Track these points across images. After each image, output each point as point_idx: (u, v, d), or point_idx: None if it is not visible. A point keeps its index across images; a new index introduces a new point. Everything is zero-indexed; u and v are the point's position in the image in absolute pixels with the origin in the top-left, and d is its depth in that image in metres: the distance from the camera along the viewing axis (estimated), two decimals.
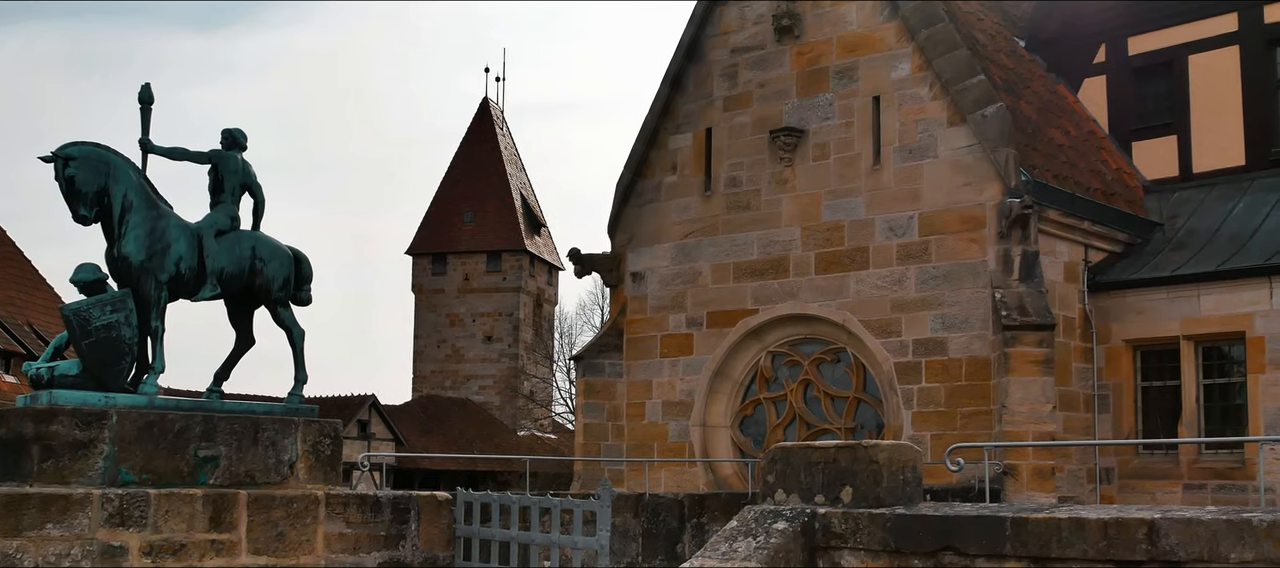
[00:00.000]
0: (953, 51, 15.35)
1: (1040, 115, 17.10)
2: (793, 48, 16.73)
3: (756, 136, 16.91)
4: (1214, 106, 17.75)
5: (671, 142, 17.84)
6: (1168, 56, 18.22)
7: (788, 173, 16.55)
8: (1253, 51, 17.54)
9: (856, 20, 16.24)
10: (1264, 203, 16.57)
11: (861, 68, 16.10)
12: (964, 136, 15.16)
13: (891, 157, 15.70)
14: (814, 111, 16.44)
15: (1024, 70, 18.19)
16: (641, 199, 18.03)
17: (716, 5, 17.56)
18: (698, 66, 17.66)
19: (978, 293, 14.88)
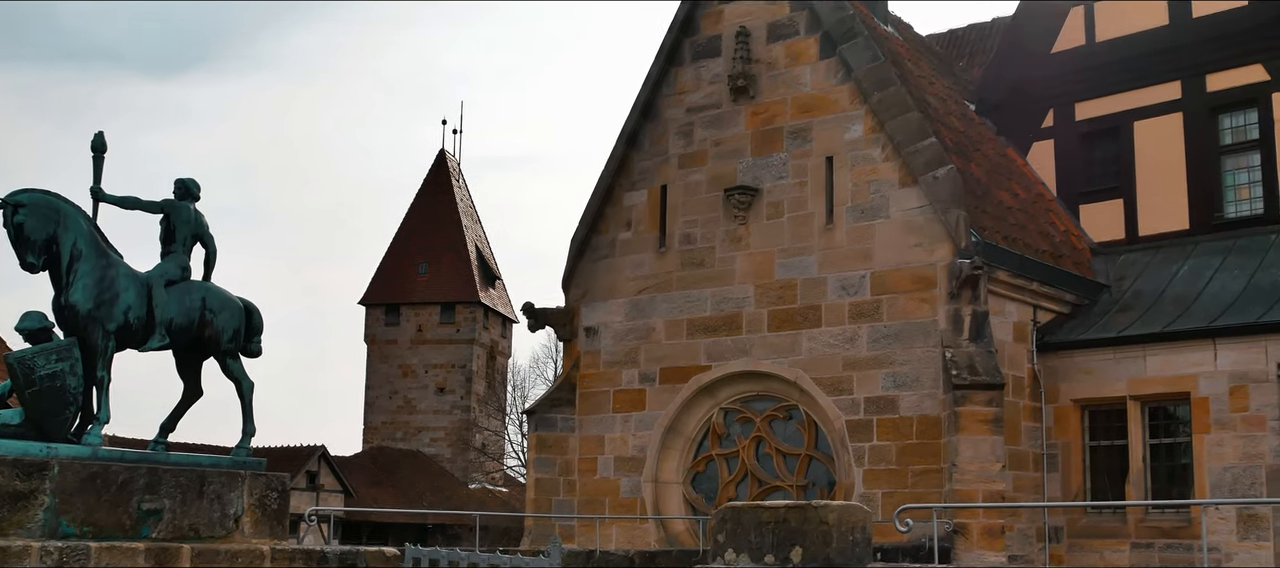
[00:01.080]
0: (904, 114, 15.55)
1: (990, 178, 17.33)
2: (747, 108, 16.91)
3: (711, 194, 17.02)
4: (1159, 171, 18.08)
5: (627, 198, 17.92)
6: (1114, 122, 18.57)
7: (742, 231, 16.66)
8: (1196, 119, 17.90)
9: (810, 82, 16.44)
10: (1207, 266, 16.85)
11: (815, 129, 16.28)
12: (915, 198, 15.33)
13: (844, 216, 15.85)
14: (768, 171, 16.59)
15: (974, 133, 18.46)
16: (596, 254, 18.07)
17: (673, 66, 17.73)
18: (653, 125, 17.79)
19: (928, 352, 15.00)
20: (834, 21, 16.30)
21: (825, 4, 16.41)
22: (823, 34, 16.40)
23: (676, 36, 17.74)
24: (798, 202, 16.28)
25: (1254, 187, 17.58)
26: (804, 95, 16.48)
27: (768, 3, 16.99)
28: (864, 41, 16.05)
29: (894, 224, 15.46)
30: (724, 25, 17.35)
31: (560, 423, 17.94)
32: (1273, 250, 16.60)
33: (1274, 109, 17.33)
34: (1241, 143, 17.72)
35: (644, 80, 17.91)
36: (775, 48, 16.84)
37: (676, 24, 17.72)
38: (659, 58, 17.81)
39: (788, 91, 16.62)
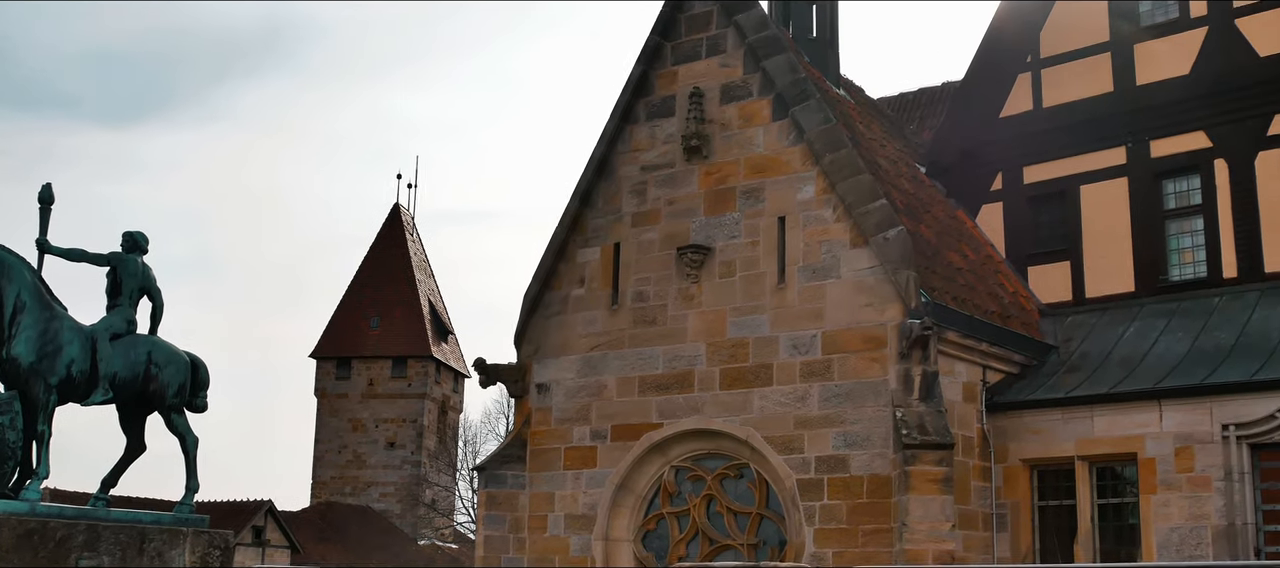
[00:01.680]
0: (856, 176, 15.71)
1: (940, 239, 17.51)
2: (701, 167, 17.02)
3: (664, 253, 17.09)
4: (1105, 235, 18.35)
5: (580, 255, 17.95)
6: (1061, 186, 18.86)
7: (694, 289, 16.71)
8: (1140, 184, 18.21)
9: (763, 143, 16.58)
10: (1153, 328, 17.08)
11: (768, 189, 16.40)
12: (866, 258, 15.45)
13: (796, 276, 15.94)
14: (721, 230, 16.68)
15: (924, 196, 18.67)
16: (548, 311, 18.06)
17: (627, 125, 17.84)
18: (607, 183, 17.86)
19: (879, 411, 15.06)
20: (786, 84, 16.47)
21: (778, 66, 16.60)
22: (775, 96, 16.57)
23: (631, 96, 17.86)
24: (750, 261, 16.37)
25: (1197, 250, 17.87)
26: (757, 156, 16.61)
27: (721, 65, 17.16)
28: (816, 104, 16.23)
29: (845, 284, 15.57)
30: (678, 86, 17.50)
31: (511, 480, 17.84)
32: (1216, 313, 16.86)
33: (1216, 175, 17.67)
34: (1185, 208, 18.03)
35: (598, 138, 18.00)
36: (728, 109, 16.99)
37: (631, 84, 17.85)
38: (613, 116, 17.92)
39: (741, 152, 16.76)
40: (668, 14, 17.73)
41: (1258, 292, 16.88)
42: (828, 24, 20.20)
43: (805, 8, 20.05)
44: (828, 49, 20.04)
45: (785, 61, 16.61)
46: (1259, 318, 16.36)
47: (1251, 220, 17.27)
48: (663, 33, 17.74)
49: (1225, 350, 15.92)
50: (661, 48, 17.76)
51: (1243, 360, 15.50)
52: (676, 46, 17.67)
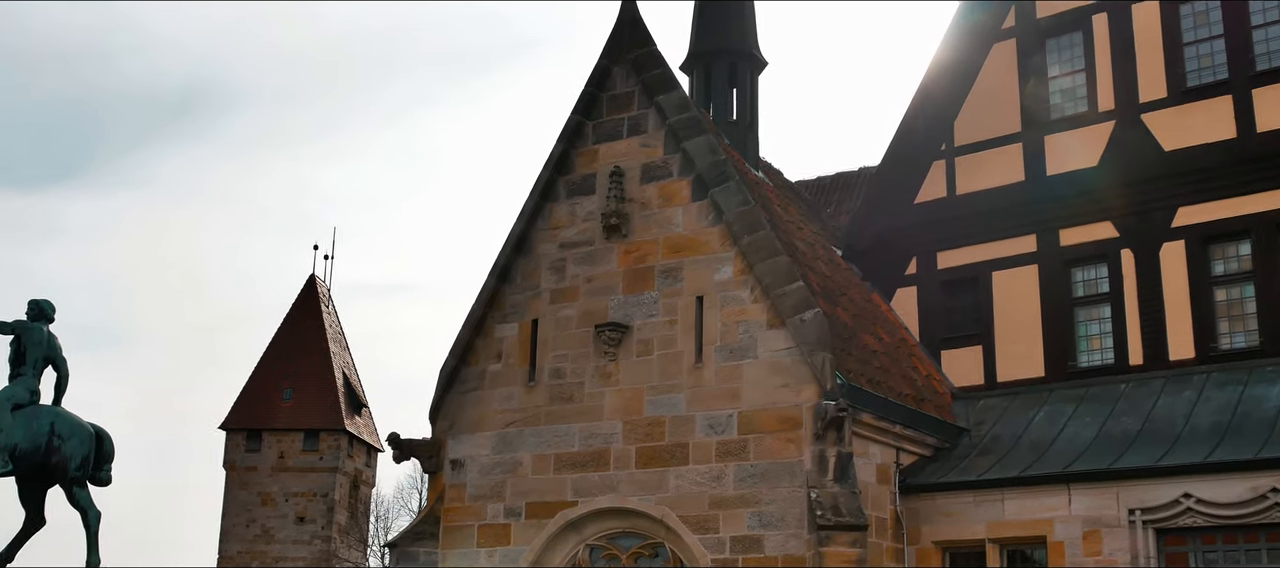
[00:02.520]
0: (774, 257, 15.87)
1: (855, 322, 17.71)
2: (620, 246, 17.09)
3: (582, 330, 17.08)
4: (1016, 320, 18.70)
5: (498, 331, 17.87)
6: (974, 272, 19.21)
7: (611, 367, 16.71)
8: (1050, 271, 18.62)
9: (682, 223, 16.71)
10: (1062, 414, 17.38)
11: (686, 268, 16.51)
12: (783, 339, 15.57)
13: (713, 355, 16.01)
14: (639, 308, 16.73)
15: (841, 278, 18.90)
16: (465, 386, 17.93)
17: (547, 202, 17.88)
18: (526, 259, 17.85)
19: (794, 492, 15.11)
20: (706, 165, 16.65)
21: (698, 148, 16.78)
22: (696, 177, 16.74)
23: (552, 173, 17.92)
24: (667, 340, 16.43)
25: (1105, 338, 18.28)
26: (676, 236, 16.73)
27: (642, 145, 17.32)
28: (735, 185, 16.41)
29: (762, 365, 15.66)
30: (599, 164, 17.61)
31: (423, 556, 17.57)
32: (1122, 400, 17.21)
33: (1122, 264, 18.12)
34: (1093, 295, 18.45)
35: (518, 215, 18.01)
36: (649, 188, 17.12)
37: (552, 161, 17.92)
38: (533, 193, 17.96)
39: (660, 231, 16.87)
40: (590, 93, 17.88)
41: (1162, 379, 17.26)
42: (748, 107, 20.52)
43: (726, 91, 20.34)
44: (748, 132, 20.33)
45: (706, 143, 16.81)
46: (1163, 405, 16.72)
47: (1156, 310, 17.71)
48: (584, 112, 17.87)
49: (1131, 436, 16.23)
50: (583, 126, 17.88)
51: (1148, 446, 15.81)
52: (598, 125, 17.81)
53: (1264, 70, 17.72)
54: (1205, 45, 18.37)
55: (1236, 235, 17.51)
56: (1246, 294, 17.39)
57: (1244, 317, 17.34)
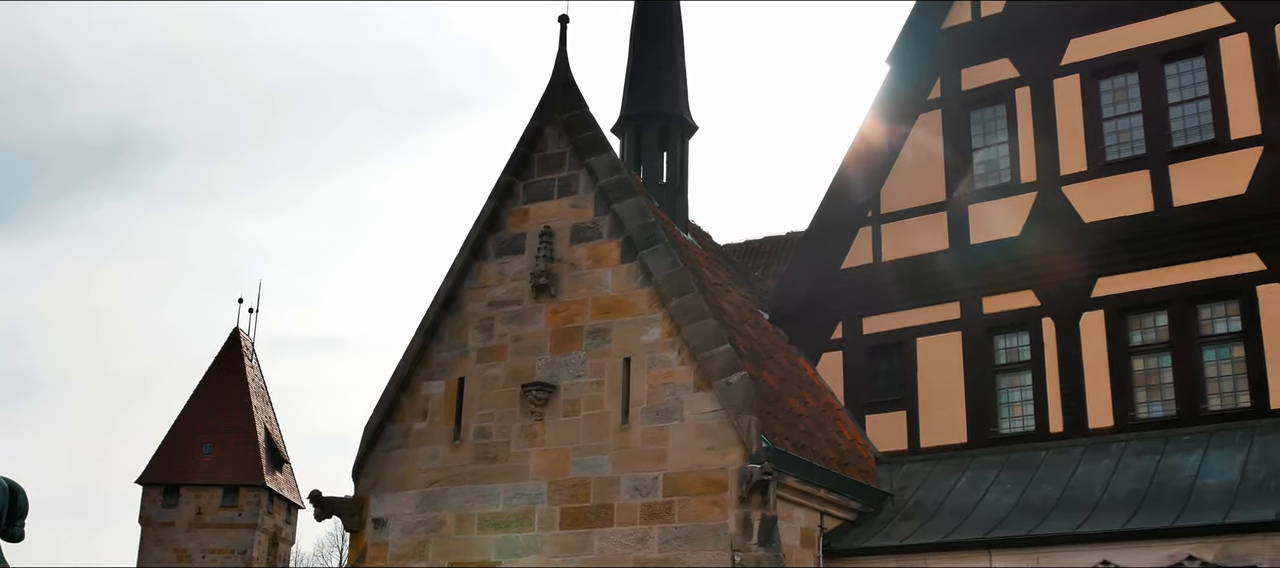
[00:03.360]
0: (701, 320, 15.95)
1: (782, 385, 17.81)
2: (549, 306, 17.09)
3: (509, 389, 17.01)
4: (940, 386, 18.92)
5: (424, 388, 17.75)
6: (899, 338, 19.44)
7: (537, 427, 16.65)
8: (973, 338, 18.89)
9: (611, 284, 16.76)
10: (983, 479, 17.57)
11: (614, 329, 16.53)
12: (709, 402, 15.62)
13: (639, 417, 16.01)
14: (566, 368, 16.70)
15: (767, 342, 19.02)
16: (389, 444, 17.76)
17: (477, 260, 17.86)
18: (454, 317, 17.78)
19: (718, 555, 15.09)
20: (636, 227, 16.74)
21: (628, 210, 16.87)
22: (625, 238, 16.81)
23: (482, 231, 17.92)
24: (594, 400, 16.40)
25: (1026, 405, 18.54)
26: (604, 296, 16.76)
27: (572, 205, 17.38)
28: (664, 248, 16.50)
29: (688, 427, 15.69)
30: (529, 224, 17.63)
31: None
32: (1043, 466, 17.43)
33: (1043, 333, 18.43)
34: (1015, 363, 18.73)
35: (448, 272, 17.96)
36: (578, 249, 17.16)
37: (483, 219, 17.92)
38: (463, 251, 17.93)
39: (589, 292, 16.89)
40: (521, 153, 17.93)
41: (1082, 447, 17.52)
42: (678, 171, 20.69)
43: (656, 154, 20.50)
44: (677, 195, 20.49)
45: (636, 205, 16.90)
46: (1083, 472, 16.96)
47: (1076, 378, 18.01)
48: (515, 171, 17.92)
49: (1052, 503, 16.44)
50: (514, 185, 17.92)
51: (1067, 513, 16.01)
52: (529, 185, 17.85)
53: (1180, 146, 18.20)
54: (1124, 121, 18.85)
55: (1153, 307, 17.89)
56: (1163, 364, 17.74)
57: (1161, 386, 17.68)
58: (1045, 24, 19.62)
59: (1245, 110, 17.83)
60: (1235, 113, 17.90)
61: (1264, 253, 17.19)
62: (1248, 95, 17.87)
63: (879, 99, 20.67)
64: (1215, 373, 17.39)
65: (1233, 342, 17.32)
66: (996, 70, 19.93)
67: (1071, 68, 19.29)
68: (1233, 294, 17.37)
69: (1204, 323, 17.60)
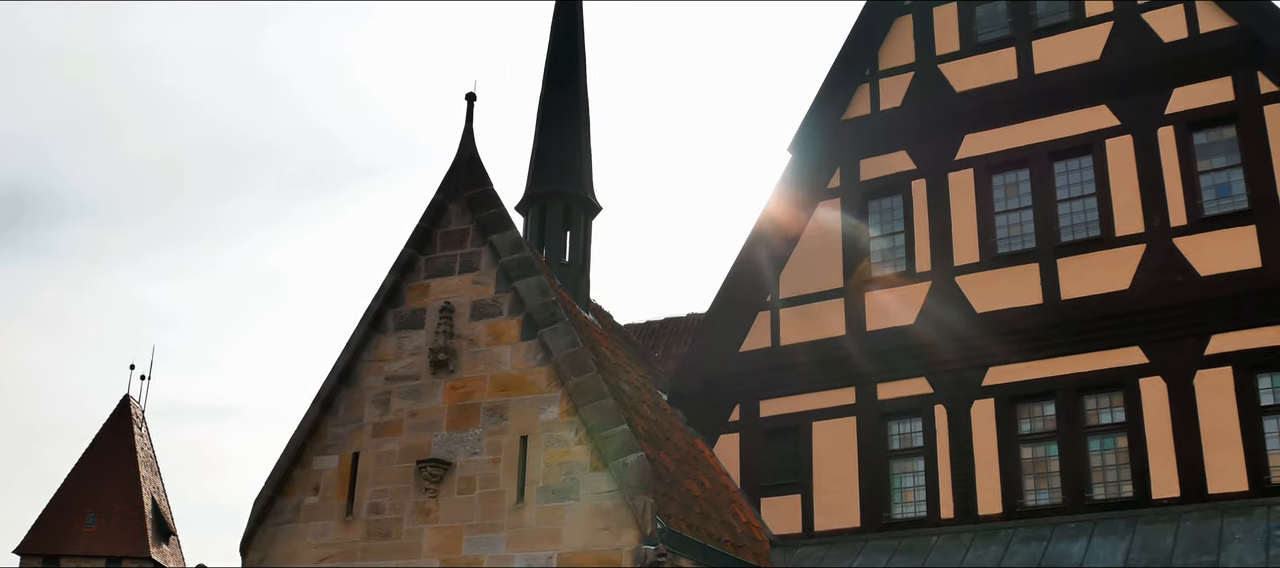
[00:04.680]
0: (600, 400, 15.98)
1: (678, 467, 17.87)
2: (447, 382, 17.01)
3: (403, 465, 16.84)
4: (834, 471, 19.12)
5: (317, 462, 17.50)
6: (795, 422, 19.64)
7: (431, 504, 16.49)
8: (867, 424, 19.16)
9: (510, 361, 16.74)
10: (876, 564, 17.73)
11: (512, 407, 16.49)
12: (605, 482, 15.61)
13: (535, 496, 15.94)
14: (463, 445, 16.60)
15: (665, 423, 19.10)
16: (279, 518, 17.45)
17: (376, 333, 17.74)
18: (351, 390, 17.61)
19: None
20: (537, 305, 16.77)
21: (530, 288, 16.91)
22: (525, 316, 16.83)
23: (382, 305, 17.82)
24: (490, 479, 16.31)
25: (918, 491, 18.80)
26: (503, 374, 16.73)
27: (474, 282, 17.37)
28: (564, 327, 16.55)
29: (583, 507, 15.65)
30: (429, 299, 17.59)
31: None
32: (934, 552, 17.66)
33: (935, 420, 18.76)
34: (908, 449, 19.01)
35: (345, 345, 17.81)
36: (478, 325, 17.14)
37: (383, 293, 17.84)
38: (362, 324, 17.80)
39: (487, 368, 16.85)
40: (424, 228, 17.92)
41: (972, 533, 17.80)
42: (581, 250, 20.80)
43: (560, 233, 20.61)
44: (579, 274, 20.58)
45: (537, 284, 16.95)
46: (973, 558, 17.21)
47: (967, 465, 18.33)
48: (418, 246, 17.89)
49: None
50: (415, 260, 17.88)
51: None
52: (430, 260, 17.83)
53: (1068, 241, 18.77)
54: (1015, 215, 19.40)
55: (1041, 397, 18.32)
56: (1051, 453, 18.13)
57: (1048, 475, 18.05)
58: (941, 119, 20.20)
59: (1129, 209, 18.47)
60: (1120, 211, 18.53)
61: (1146, 347, 17.73)
62: (1132, 195, 18.53)
63: (780, 186, 21.04)
64: (1099, 462, 17.82)
65: (1116, 432, 17.79)
66: (894, 162, 20.44)
67: (966, 162, 19.85)
68: (1116, 386, 17.86)
69: (1089, 413, 18.06)
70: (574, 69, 21.91)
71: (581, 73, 21.94)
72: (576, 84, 21.83)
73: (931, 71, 20.64)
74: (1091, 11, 19.77)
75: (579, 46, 22.10)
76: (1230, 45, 18.54)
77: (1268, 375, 17.10)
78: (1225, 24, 18.69)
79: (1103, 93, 19.20)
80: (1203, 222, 17.98)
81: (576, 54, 22.03)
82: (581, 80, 21.88)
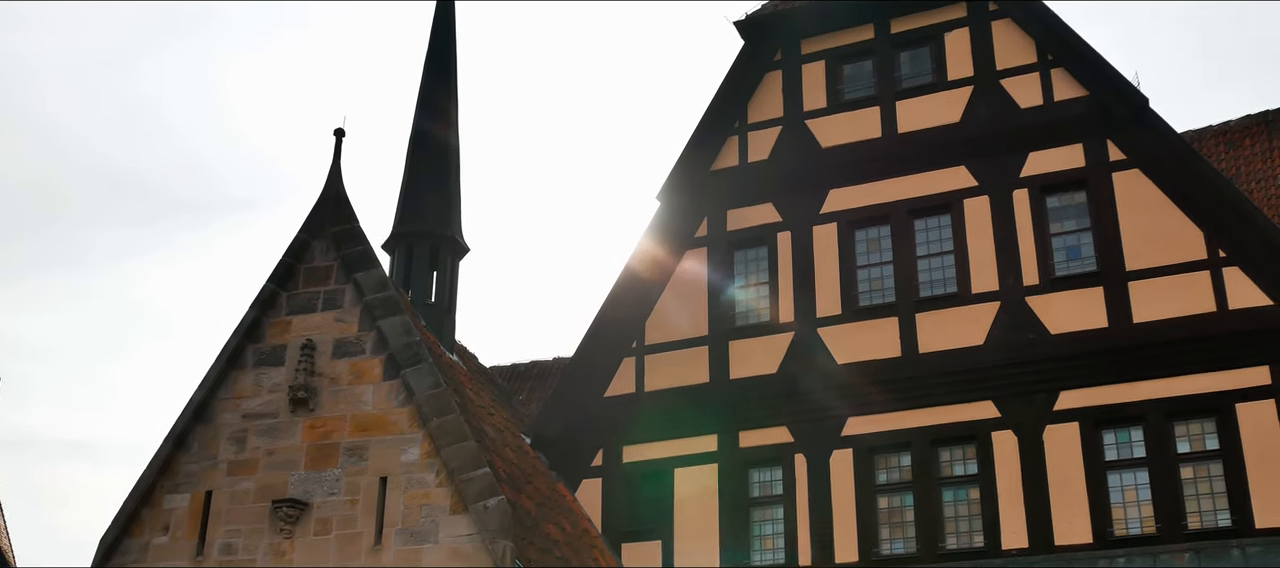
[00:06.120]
0: (462, 442, 15.85)
1: (540, 511, 17.79)
2: (306, 420, 16.71)
3: (258, 505, 16.46)
4: (696, 517, 19.23)
5: (168, 501, 17.00)
6: (657, 468, 19.72)
7: (286, 545, 16.13)
8: (729, 471, 19.33)
9: (372, 401, 16.52)
10: None
11: (372, 447, 16.26)
12: (465, 525, 15.46)
13: (393, 538, 15.71)
14: (320, 485, 16.31)
15: (527, 466, 19.01)
16: (126, 558, 16.88)
17: (234, 370, 17.35)
18: (205, 427, 17.17)
19: None
20: (400, 345, 16.60)
21: (393, 327, 16.73)
22: (388, 356, 16.64)
23: (241, 340, 17.45)
24: (347, 520, 16.03)
25: (778, 538, 19.00)
26: (364, 414, 16.50)
27: (336, 320, 17.13)
28: (428, 367, 16.40)
29: (442, 550, 15.47)
30: (291, 336, 17.28)
31: None
32: None
33: (795, 468, 19.01)
34: (768, 497, 19.22)
35: (201, 381, 17.36)
36: (340, 364, 16.89)
37: (242, 328, 17.47)
38: (220, 360, 17.39)
39: (348, 408, 16.60)
40: (287, 264, 17.63)
41: None
42: (447, 291, 20.64)
43: (426, 273, 20.44)
44: (445, 315, 20.42)
45: (401, 323, 16.78)
46: None
47: (825, 514, 18.59)
48: (280, 282, 17.58)
49: None
50: (277, 296, 17.57)
51: None
52: (293, 296, 17.53)
53: (926, 296, 19.25)
54: (876, 269, 19.86)
55: (897, 448, 18.71)
56: (906, 503, 18.49)
57: (903, 524, 18.41)
58: (807, 174, 20.61)
59: (985, 267, 19.04)
60: (976, 269, 19.09)
61: (998, 401, 18.25)
62: (988, 253, 19.11)
63: (648, 234, 21.21)
64: (953, 513, 18.23)
65: (969, 484, 18.23)
66: (760, 213, 20.77)
67: (830, 216, 20.27)
68: (969, 439, 18.33)
69: (944, 465, 18.48)
70: (446, 110, 21.82)
71: (453, 114, 21.87)
72: (448, 125, 21.74)
73: (799, 126, 21.08)
74: (953, 75, 20.42)
75: (452, 88, 22.04)
76: (1082, 114, 19.31)
77: (1112, 431, 17.73)
78: (1078, 94, 19.47)
79: (962, 154, 19.80)
80: (1054, 282, 18.62)
81: (449, 95, 21.96)
82: (453, 121, 21.80)
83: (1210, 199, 18.13)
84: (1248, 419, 17.01)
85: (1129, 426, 17.65)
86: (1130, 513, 17.26)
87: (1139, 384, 17.63)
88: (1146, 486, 17.31)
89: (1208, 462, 17.17)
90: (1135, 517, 17.22)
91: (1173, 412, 17.45)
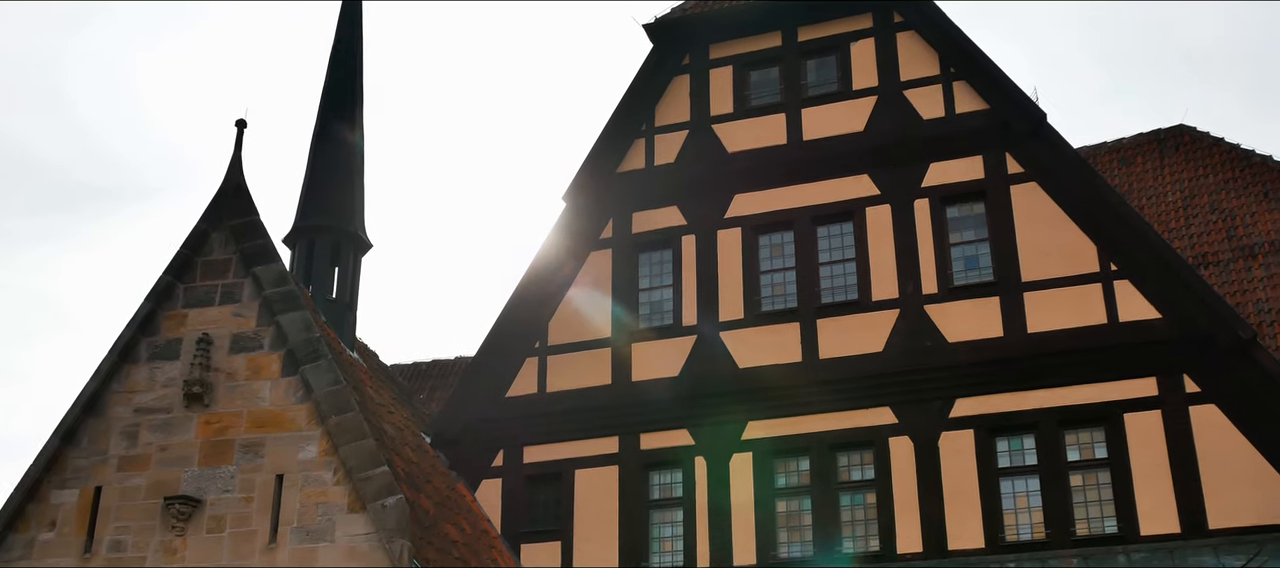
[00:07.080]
0: (360, 440, 15.67)
1: (438, 510, 17.67)
2: (201, 416, 16.39)
3: (150, 501, 16.11)
4: (595, 519, 19.24)
5: (55, 496, 16.55)
6: (558, 469, 19.69)
7: (178, 543, 15.82)
8: (630, 473, 19.37)
9: (269, 397, 16.26)
10: None
11: (268, 444, 16.01)
12: (362, 524, 15.29)
13: (288, 536, 15.48)
14: (214, 482, 16.01)
15: (427, 465, 18.86)
16: (10, 555, 16.41)
17: (127, 363, 16.96)
18: (96, 421, 16.76)
19: None
20: (300, 341, 16.37)
21: (292, 323, 16.49)
22: (287, 351, 16.40)
23: (135, 333, 17.05)
24: (242, 518, 15.75)
25: (676, 541, 19.09)
26: (261, 410, 16.24)
27: (234, 314, 16.84)
28: (327, 364, 16.19)
29: (338, 549, 15.28)
30: (186, 330, 16.94)
31: None
32: None
33: (695, 471, 19.11)
34: (668, 499, 19.30)
35: (92, 374, 16.95)
36: (237, 359, 16.60)
37: (137, 321, 17.07)
38: (112, 352, 16.97)
39: (245, 404, 16.33)
40: (185, 256, 17.27)
41: None
42: (349, 287, 20.41)
43: (328, 268, 20.18)
44: (346, 311, 20.19)
45: (301, 319, 16.55)
46: None
47: (724, 517, 18.71)
48: (177, 273, 17.22)
49: None
50: (174, 288, 17.21)
51: None
52: (190, 289, 17.19)
53: (828, 303, 19.49)
54: (779, 275, 20.05)
55: (798, 452, 18.89)
56: (805, 507, 18.69)
57: (801, 528, 18.60)
58: (712, 178, 20.75)
59: (886, 275, 19.33)
60: (877, 277, 19.36)
61: (896, 408, 18.53)
62: (888, 262, 19.39)
63: (553, 234, 21.18)
64: (850, 517, 18.47)
65: (866, 489, 18.47)
66: (666, 217, 20.85)
67: (734, 221, 20.41)
68: (867, 444, 18.58)
69: (842, 470, 18.71)
70: (351, 104, 21.58)
71: (358, 108, 21.63)
72: (352, 119, 21.50)
73: (705, 131, 21.20)
74: (858, 85, 20.70)
75: (357, 82, 21.80)
76: (982, 127, 19.69)
77: (1005, 439, 18.11)
78: (978, 107, 19.86)
79: (865, 163, 20.08)
80: (952, 291, 18.96)
81: (354, 89, 21.72)
82: (357, 116, 21.56)
83: (1104, 214, 18.59)
84: (1135, 429, 17.49)
85: (1021, 434, 18.04)
86: (1021, 519, 17.63)
87: (1032, 393, 18.03)
88: (1037, 492, 17.70)
89: (1096, 470, 17.62)
90: (1026, 523, 17.60)
91: (1064, 420, 17.87)
